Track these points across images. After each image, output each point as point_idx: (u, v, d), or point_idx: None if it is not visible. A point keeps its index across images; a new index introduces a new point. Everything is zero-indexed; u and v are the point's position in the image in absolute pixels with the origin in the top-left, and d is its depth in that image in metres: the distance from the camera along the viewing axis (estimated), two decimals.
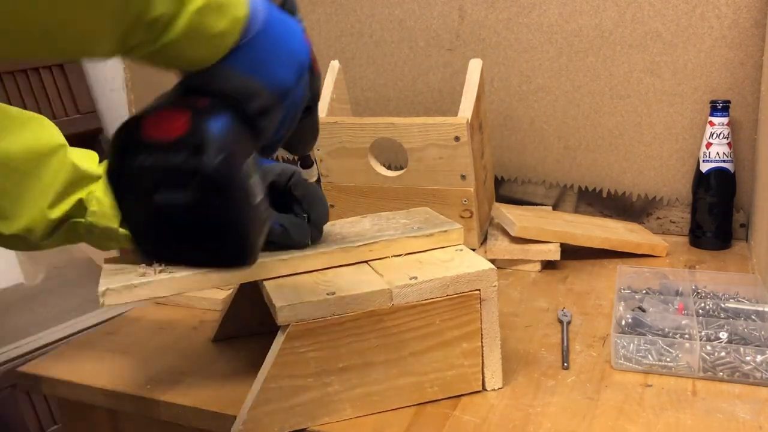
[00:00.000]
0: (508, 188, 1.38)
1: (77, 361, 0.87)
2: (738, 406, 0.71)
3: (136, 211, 0.49)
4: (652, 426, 0.69)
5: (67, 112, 1.64)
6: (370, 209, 1.12)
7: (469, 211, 1.10)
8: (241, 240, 0.51)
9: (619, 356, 0.79)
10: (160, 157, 0.47)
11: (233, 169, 0.48)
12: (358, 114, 1.42)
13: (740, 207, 1.22)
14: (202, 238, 0.49)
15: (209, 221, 0.49)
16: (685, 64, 1.21)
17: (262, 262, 0.73)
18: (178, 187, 0.47)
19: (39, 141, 0.71)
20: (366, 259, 0.78)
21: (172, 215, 0.48)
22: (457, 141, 1.04)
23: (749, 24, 1.16)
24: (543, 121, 1.32)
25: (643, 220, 1.29)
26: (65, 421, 0.91)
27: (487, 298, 0.73)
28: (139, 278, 0.70)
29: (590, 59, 1.27)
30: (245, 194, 0.50)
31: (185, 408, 0.76)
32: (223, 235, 0.50)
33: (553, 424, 0.69)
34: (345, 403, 0.71)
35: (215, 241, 0.50)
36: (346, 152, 1.11)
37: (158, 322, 0.98)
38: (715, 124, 1.16)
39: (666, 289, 0.94)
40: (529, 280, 1.08)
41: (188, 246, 0.50)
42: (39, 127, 0.72)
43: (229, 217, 0.49)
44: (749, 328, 0.81)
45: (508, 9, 1.30)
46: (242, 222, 0.50)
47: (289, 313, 0.67)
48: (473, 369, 0.75)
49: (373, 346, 0.70)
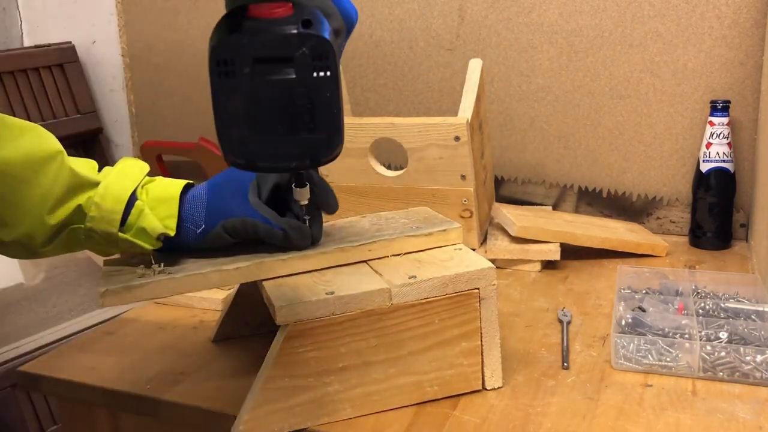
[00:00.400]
0: (508, 188, 1.38)
1: (77, 361, 0.87)
2: (738, 406, 0.71)
3: (235, 95, 0.50)
4: (652, 426, 0.69)
5: (67, 112, 1.64)
6: (370, 209, 1.12)
7: (469, 211, 1.09)
8: (334, 125, 0.53)
9: (619, 356, 0.79)
10: (270, 29, 0.49)
11: (335, 48, 0.51)
12: (358, 114, 1.42)
13: (740, 207, 1.22)
14: (298, 124, 0.51)
15: (311, 105, 0.50)
16: (685, 64, 1.21)
17: (262, 263, 0.73)
18: (286, 61, 0.49)
19: (37, 148, 0.71)
20: (365, 259, 0.78)
21: (275, 93, 0.50)
22: (457, 141, 1.04)
23: (749, 24, 1.16)
24: (543, 121, 1.32)
25: (643, 220, 1.29)
26: (65, 421, 0.91)
27: (487, 296, 0.73)
28: (138, 279, 0.70)
29: (590, 59, 1.27)
30: (339, 81, 0.52)
31: (185, 408, 0.76)
32: (318, 120, 0.51)
33: (553, 424, 0.69)
34: (345, 402, 0.71)
35: (312, 127, 0.51)
36: (346, 152, 1.10)
37: (158, 322, 0.98)
38: (715, 124, 1.16)
39: (666, 289, 0.94)
40: (529, 280, 1.08)
41: (280, 133, 0.51)
42: (36, 135, 0.72)
43: (329, 101, 0.51)
44: (749, 328, 0.81)
45: (508, 9, 1.30)
46: (337, 108, 0.52)
47: (289, 313, 0.67)
48: (473, 368, 0.75)
49: (373, 345, 0.70)
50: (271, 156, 0.54)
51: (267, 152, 0.54)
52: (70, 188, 0.72)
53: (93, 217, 0.72)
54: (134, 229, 0.73)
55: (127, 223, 0.73)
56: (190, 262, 0.75)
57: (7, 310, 1.47)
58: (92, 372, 0.84)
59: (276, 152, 0.54)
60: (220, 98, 0.51)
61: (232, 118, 0.52)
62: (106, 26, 1.68)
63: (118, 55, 1.68)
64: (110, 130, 1.75)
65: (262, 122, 0.52)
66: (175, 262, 0.75)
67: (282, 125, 0.52)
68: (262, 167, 0.55)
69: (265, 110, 0.51)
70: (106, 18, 1.67)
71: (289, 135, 0.53)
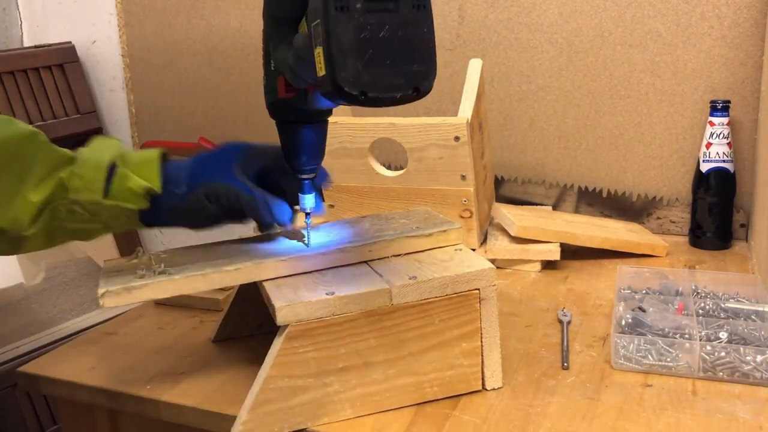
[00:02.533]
0: (508, 188, 1.38)
1: (77, 361, 0.87)
2: (738, 406, 0.71)
3: (348, 29, 0.56)
4: (652, 426, 0.69)
5: (67, 112, 1.64)
6: (370, 209, 1.12)
7: (469, 211, 1.10)
8: (431, 58, 0.60)
9: (619, 356, 0.79)
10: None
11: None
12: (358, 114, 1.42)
13: (740, 207, 1.22)
14: (402, 56, 0.58)
15: (412, 39, 0.58)
16: (685, 64, 1.21)
17: (262, 263, 0.73)
18: (390, 10, 0.57)
19: (10, 132, 0.72)
20: (365, 259, 0.78)
21: (382, 34, 0.57)
22: (457, 141, 1.04)
23: (749, 24, 1.16)
24: (543, 121, 1.32)
25: (643, 220, 1.29)
26: (65, 421, 0.91)
27: (487, 297, 0.73)
28: (138, 280, 0.70)
29: (590, 59, 1.27)
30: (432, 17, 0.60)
31: (185, 408, 0.76)
32: (419, 52, 0.59)
33: (553, 424, 0.69)
34: (345, 403, 0.71)
35: (413, 59, 0.59)
36: (346, 152, 1.11)
37: (158, 322, 0.98)
38: (715, 124, 1.16)
39: (666, 289, 0.94)
40: (529, 280, 1.08)
41: (388, 65, 0.57)
42: (7, 121, 0.74)
43: (426, 36, 0.59)
44: (749, 328, 0.81)
45: (508, 9, 1.30)
46: (433, 43, 0.59)
47: (289, 313, 0.67)
48: (473, 369, 0.75)
49: (373, 346, 0.70)
50: (380, 87, 0.58)
51: (377, 83, 0.58)
52: (49, 165, 0.73)
53: (76, 188, 0.72)
54: (119, 193, 0.73)
55: (110, 191, 0.73)
56: (191, 263, 0.75)
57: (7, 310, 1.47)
58: (92, 372, 0.84)
59: (384, 83, 0.58)
60: (335, 32, 0.56)
61: (347, 50, 0.56)
62: (106, 26, 1.68)
63: (118, 55, 1.68)
64: (110, 130, 1.74)
65: (371, 54, 0.57)
66: (175, 262, 0.75)
67: (388, 57, 0.58)
68: (372, 97, 0.58)
69: (373, 43, 0.57)
70: (106, 18, 1.67)
71: (395, 67, 0.58)
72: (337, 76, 0.56)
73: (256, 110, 1.55)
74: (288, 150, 0.77)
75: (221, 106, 1.59)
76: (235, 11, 1.52)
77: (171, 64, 1.62)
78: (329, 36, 0.56)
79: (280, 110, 0.75)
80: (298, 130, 0.75)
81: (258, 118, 1.56)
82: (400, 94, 0.59)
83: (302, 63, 0.63)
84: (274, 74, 0.73)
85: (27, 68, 1.58)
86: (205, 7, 1.55)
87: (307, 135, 0.76)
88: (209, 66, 1.58)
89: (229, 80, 1.56)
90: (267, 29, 0.70)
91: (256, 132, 1.56)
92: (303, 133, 0.75)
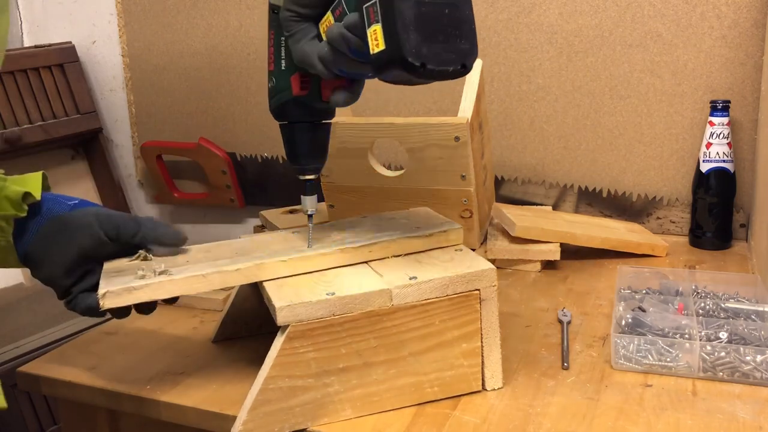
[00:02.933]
0: (508, 188, 1.38)
1: (77, 361, 0.87)
2: (738, 406, 0.71)
3: (410, 8, 0.61)
4: (652, 426, 0.69)
5: (67, 112, 1.64)
6: (370, 209, 1.12)
7: (469, 211, 1.09)
8: (474, 38, 0.66)
9: (619, 356, 0.79)
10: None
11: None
12: (358, 114, 1.42)
13: (740, 207, 1.22)
14: (451, 34, 0.63)
15: (458, 19, 0.64)
16: (685, 64, 1.21)
17: (262, 263, 0.73)
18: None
19: None
20: (366, 260, 0.78)
21: (435, 13, 0.62)
22: (457, 141, 1.03)
23: (749, 24, 1.16)
24: (543, 121, 1.32)
25: (643, 220, 1.29)
26: (65, 421, 0.91)
27: (487, 297, 0.73)
28: (138, 280, 0.70)
29: (590, 59, 1.27)
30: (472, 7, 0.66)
31: (185, 408, 0.76)
32: (464, 31, 0.64)
33: (553, 424, 0.69)
34: (345, 403, 0.71)
35: (460, 37, 0.64)
36: (346, 152, 1.11)
37: (158, 322, 0.98)
38: (715, 124, 1.16)
39: (666, 289, 0.94)
40: (529, 280, 1.08)
41: (441, 41, 0.62)
42: None
43: (470, 17, 0.65)
44: (749, 328, 0.81)
45: (508, 9, 1.30)
46: (474, 25, 0.65)
47: (289, 313, 0.67)
48: (473, 369, 0.75)
49: (373, 346, 0.70)
50: (437, 60, 0.62)
51: (434, 56, 0.62)
52: None
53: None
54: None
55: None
56: (191, 263, 0.75)
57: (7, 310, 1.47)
58: (92, 372, 0.84)
59: (439, 58, 0.63)
60: (399, 7, 0.60)
61: (409, 24, 0.61)
62: (106, 26, 1.68)
63: (118, 55, 1.68)
64: (110, 130, 1.74)
65: (429, 30, 0.62)
66: (176, 263, 0.75)
67: (441, 34, 0.63)
68: (430, 69, 0.62)
69: (429, 19, 0.62)
70: (106, 18, 1.67)
71: (446, 43, 0.63)
72: (402, 48, 0.60)
73: (256, 110, 1.55)
74: (293, 151, 0.78)
75: (221, 106, 1.59)
76: (235, 11, 1.52)
77: (171, 64, 1.62)
78: (393, 11, 0.60)
79: (289, 110, 0.76)
80: (304, 130, 0.77)
81: (258, 118, 1.56)
82: (452, 69, 0.64)
83: (335, 53, 0.66)
84: (286, 73, 0.74)
85: (27, 68, 1.57)
86: (205, 7, 1.55)
87: (312, 135, 0.77)
88: (209, 66, 1.58)
89: (229, 80, 1.56)
90: (286, 27, 0.71)
91: (257, 132, 1.56)
92: (309, 134, 0.77)
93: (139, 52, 1.65)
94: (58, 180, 1.67)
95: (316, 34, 0.70)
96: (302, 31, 0.70)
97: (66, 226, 0.75)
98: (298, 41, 0.70)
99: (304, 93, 0.74)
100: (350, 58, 0.66)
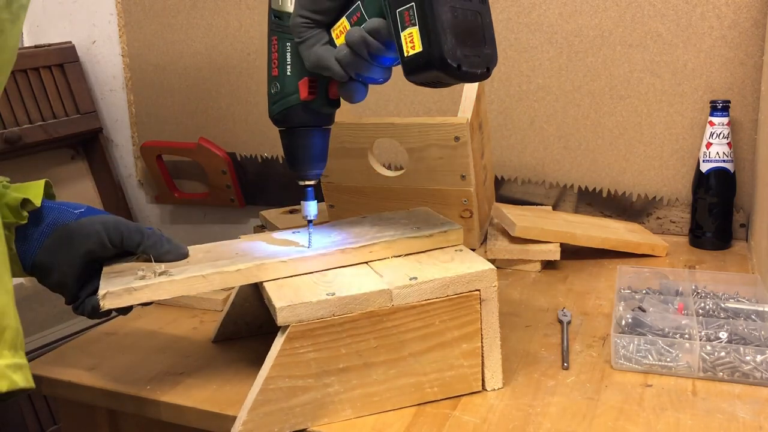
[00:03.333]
0: (508, 188, 1.38)
1: (77, 361, 0.87)
2: (738, 406, 0.71)
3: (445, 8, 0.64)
4: (652, 426, 0.69)
5: (67, 112, 1.64)
6: (370, 209, 1.12)
7: (469, 211, 1.09)
8: (495, 45, 0.70)
9: (619, 356, 0.79)
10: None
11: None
12: (358, 114, 1.42)
13: (740, 207, 1.22)
14: (478, 39, 0.68)
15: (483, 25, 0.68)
16: (685, 64, 1.21)
17: (262, 264, 0.74)
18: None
19: None
20: (366, 260, 0.78)
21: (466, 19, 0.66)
22: (457, 141, 1.03)
23: (749, 24, 1.16)
24: (543, 121, 1.32)
25: (643, 220, 1.29)
26: (65, 421, 0.91)
27: (487, 298, 0.73)
28: (138, 281, 0.70)
29: (590, 59, 1.27)
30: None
31: (185, 408, 0.76)
32: (488, 38, 0.69)
33: (553, 424, 0.70)
34: (345, 403, 0.71)
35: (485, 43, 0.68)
36: (346, 152, 1.11)
37: (158, 322, 0.98)
38: (715, 124, 1.16)
39: (666, 289, 0.94)
40: (529, 280, 1.08)
41: (470, 45, 0.66)
42: None
43: (491, 25, 0.70)
44: (749, 328, 0.81)
45: (508, 9, 1.30)
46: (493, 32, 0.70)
47: (289, 313, 0.67)
48: (473, 369, 0.75)
49: (373, 346, 0.71)
50: (469, 63, 0.66)
51: (466, 59, 0.65)
52: None
53: None
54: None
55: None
56: (191, 264, 0.75)
57: None
58: (92, 372, 0.84)
59: (470, 60, 0.66)
60: (438, 11, 0.63)
61: (446, 28, 0.64)
62: (106, 26, 1.68)
63: (118, 55, 1.68)
64: (110, 130, 1.74)
65: (461, 34, 0.65)
66: (176, 263, 0.75)
67: (470, 38, 0.66)
68: (464, 71, 0.65)
69: (462, 24, 0.66)
70: (106, 18, 1.67)
71: (474, 47, 0.67)
72: (442, 49, 0.63)
73: (256, 110, 1.55)
74: (294, 157, 0.78)
75: (221, 106, 1.59)
76: (235, 11, 1.52)
77: (171, 64, 1.62)
78: (433, 14, 0.63)
79: (293, 115, 0.76)
80: (306, 136, 0.77)
81: (258, 118, 1.56)
82: (479, 71, 0.67)
83: (354, 56, 0.68)
84: (292, 78, 0.75)
85: (27, 68, 1.57)
86: (205, 7, 1.55)
87: (315, 140, 0.78)
88: (209, 66, 1.58)
89: (229, 80, 1.56)
90: (298, 33, 0.72)
91: (257, 132, 1.56)
92: (311, 139, 0.77)
93: (139, 52, 1.65)
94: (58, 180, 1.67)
95: (329, 39, 0.71)
96: (315, 37, 0.71)
97: (73, 235, 0.75)
98: (311, 46, 0.71)
99: (311, 98, 0.75)
100: (368, 61, 0.68)
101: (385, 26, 0.67)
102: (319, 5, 0.70)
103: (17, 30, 0.69)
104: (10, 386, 0.56)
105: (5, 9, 0.64)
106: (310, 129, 0.77)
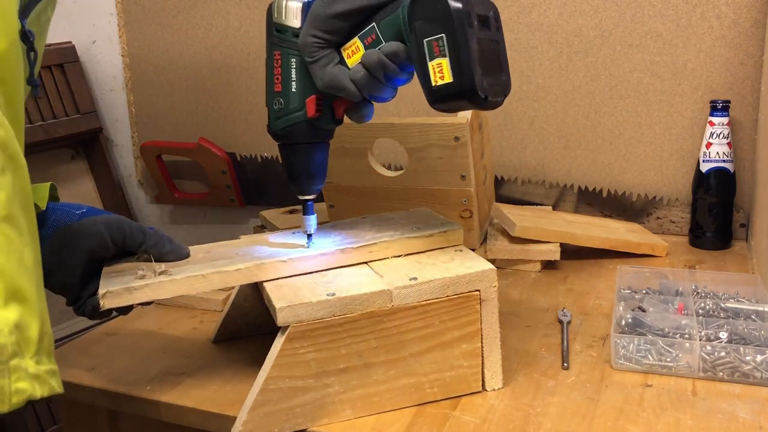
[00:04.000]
0: (508, 188, 1.38)
1: (77, 362, 0.87)
2: (738, 406, 0.71)
3: (474, 45, 0.65)
4: (652, 426, 0.69)
5: (67, 112, 1.64)
6: (370, 209, 1.12)
7: (469, 211, 1.09)
8: (509, 71, 0.72)
9: (619, 356, 0.79)
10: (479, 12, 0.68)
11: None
12: None
13: (740, 207, 1.22)
14: (497, 68, 0.69)
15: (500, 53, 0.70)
16: (685, 64, 1.21)
17: (262, 264, 0.74)
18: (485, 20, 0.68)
19: None
20: (366, 260, 0.78)
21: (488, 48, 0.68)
22: (457, 141, 1.03)
23: (749, 24, 1.16)
24: (543, 121, 1.32)
25: (643, 220, 1.29)
26: (65, 421, 0.91)
27: (487, 298, 0.73)
28: (138, 281, 0.70)
29: (590, 59, 1.27)
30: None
31: (185, 408, 0.76)
32: (504, 65, 0.71)
33: (553, 424, 0.70)
34: (345, 404, 0.71)
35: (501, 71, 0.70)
36: (346, 152, 1.11)
37: (158, 322, 0.98)
38: (715, 124, 1.16)
39: (666, 289, 0.94)
40: (529, 280, 1.08)
41: (491, 74, 0.67)
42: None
43: (505, 53, 0.72)
44: (749, 328, 0.81)
45: (508, 9, 1.30)
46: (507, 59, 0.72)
47: (289, 314, 0.67)
48: (473, 370, 0.75)
49: (373, 347, 0.71)
50: (493, 92, 0.67)
51: (490, 88, 0.67)
52: None
53: None
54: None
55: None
56: (191, 263, 0.75)
57: None
58: (92, 373, 0.84)
59: (493, 89, 0.67)
60: (467, 44, 0.65)
61: (474, 60, 0.65)
62: (106, 26, 1.67)
63: (118, 55, 1.68)
64: (110, 130, 1.74)
65: (486, 64, 0.67)
66: (175, 263, 0.75)
67: (490, 67, 0.68)
68: (490, 101, 0.67)
69: (485, 54, 0.67)
70: (106, 18, 1.67)
71: (493, 76, 0.68)
72: (474, 80, 0.65)
73: (256, 110, 1.55)
74: (295, 172, 0.78)
75: (221, 106, 1.59)
76: (235, 11, 1.52)
77: (171, 64, 1.62)
78: (467, 47, 0.65)
79: (297, 131, 0.75)
80: (309, 152, 0.77)
81: (258, 118, 1.56)
82: (500, 99, 0.69)
83: (371, 78, 0.70)
84: (297, 95, 0.74)
85: None
86: (205, 7, 1.55)
87: (317, 156, 0.77)
88: (209, 66, 1.58)
89: (229, 80, 1.56)
90: (309, 53, 0.71)
91: (257, 132, 1.56)
92: (313, 155, 0.77)
93: (139, 52, 1.65)
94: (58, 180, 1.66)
95: (341, 59, 0.71)
96: (327, 57, 0.71)
97: (75, 236, 0.75)
98: (324, 66, 0.71)
99: (318, 115, 0.74)
100: (382, 83, 0.70)
101: (403, 50, 0.68)
102: (333, 25, 0.70)
103: (43, 41, 0.70)
104: (50, 392, 0.59)
105: (35, 23, 0.65)
106: (313, 145, 0.77)
